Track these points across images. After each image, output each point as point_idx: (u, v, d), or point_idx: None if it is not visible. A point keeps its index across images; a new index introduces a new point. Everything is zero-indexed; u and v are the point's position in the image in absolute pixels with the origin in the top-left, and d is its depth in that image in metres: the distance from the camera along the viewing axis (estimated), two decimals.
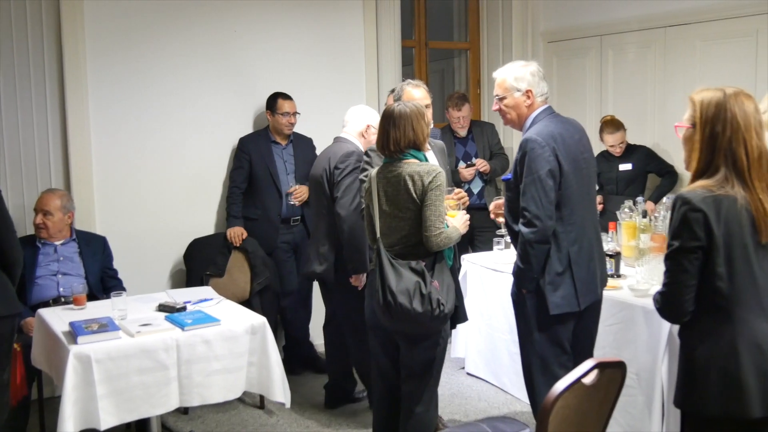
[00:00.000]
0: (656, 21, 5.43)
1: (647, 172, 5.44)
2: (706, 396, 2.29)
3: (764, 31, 4.77)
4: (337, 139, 4.33)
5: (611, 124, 5.36)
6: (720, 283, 2.27)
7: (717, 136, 2.26)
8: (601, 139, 5.38)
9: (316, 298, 5.40)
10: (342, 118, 5.47)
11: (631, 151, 5.42)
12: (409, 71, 6.32)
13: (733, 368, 2.25)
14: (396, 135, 3.23)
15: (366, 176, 3.41)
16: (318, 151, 5.27)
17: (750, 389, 2.23)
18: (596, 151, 4.67)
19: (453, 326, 3.52)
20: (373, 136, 4.16)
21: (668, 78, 5.42)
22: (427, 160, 3.32)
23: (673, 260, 2.33)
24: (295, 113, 5.01)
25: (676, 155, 5.40)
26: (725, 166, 2.26)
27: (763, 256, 2.28)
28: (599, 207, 5.18)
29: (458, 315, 3.42)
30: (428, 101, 3.81)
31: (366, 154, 3.74)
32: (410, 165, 3.23)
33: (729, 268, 2.26)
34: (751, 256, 2.26)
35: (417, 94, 3.78)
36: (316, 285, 5.39)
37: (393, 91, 4.99)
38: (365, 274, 4.00)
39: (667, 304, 2.40)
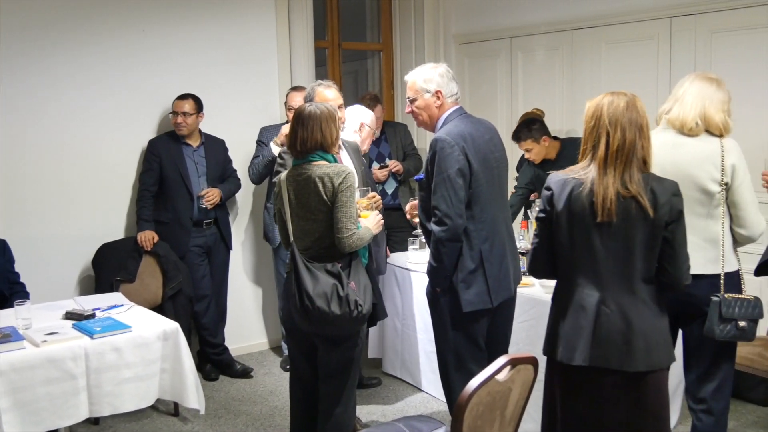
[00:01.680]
0: (564, 24, 5.58)
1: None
2: (547, 343, 2.75)
3: (665, 35, 4.96)
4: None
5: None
6: (562, 251, 2.66)
7: (589, 130, 2.62)
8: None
9: (231, 301, 5.34)
10: (253, 119, 5.43)
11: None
12: (322, 72, 6.30)
13: (559, 323, 2.68)
14: (303, 135, 3.21)
15: (277, 179, 3.38)
16: (231, 153, 5.21)
17: (562, 340, 2.65)
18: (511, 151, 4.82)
19: (373, 324, 3.52)
20: (365, 135, 4.33)
21: (575, 79, 5.57)
22: (336, 161, 3.32)
23: (536, 227, 2.79)
24: (185, 113, 4.86)
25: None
26: (591, 155, 2.60)
27: (606, 233, 2.55)
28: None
29: (377, 312, 3.43)
30: (341, 101, 3.82)
31: (280, 156, 3.72)
32: (319, 167, 3.21)
33: (570, 240, 2.62)
34: (591, 232, 2.56)
35: (329, 95, 3.78)
36: (231, 288, 5.33)
37: (294, 88, 4.98)
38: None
39: (528, 261, 2.85)
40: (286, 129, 4.58)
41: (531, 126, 5.00)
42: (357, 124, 4.35)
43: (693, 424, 3.31)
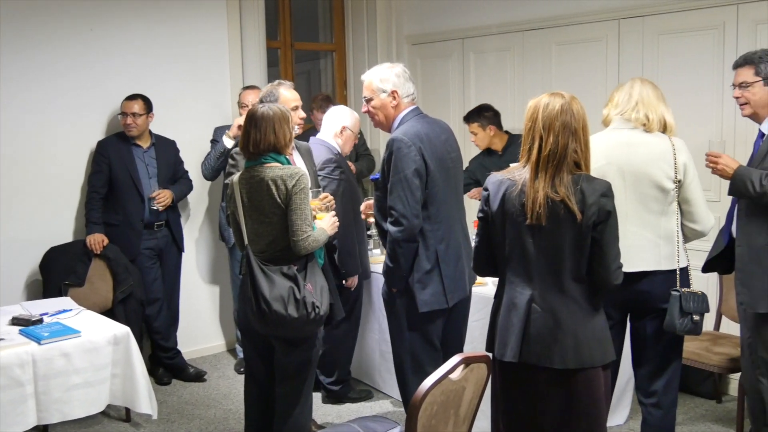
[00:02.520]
0: (515, 25, 5.64)
1: None
2: (487, 340, 2.79)
3: (613, 36, 5.04)
4: (312, 141, 4.28)
5: None
6: (497, 250, 2.71)
7: (526, 132, 2.66)
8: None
9: (184, 304, 5.28)
10: (205, 119, 5.37)
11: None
12: (274, 72, 6.26)
13: (496, 319, 2.72)
14: (256, 136, 3.18)
15: (229, 181, 3.35)
16: (182, 154, 5.15)
17: (498, 336, 2.69)
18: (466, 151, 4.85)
19: (329, 324, 3.51)
20: (346, 138, 4.36)
21: (527, 79, 5.63)
22: (289, 162, 3.30)
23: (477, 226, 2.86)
24: (135, 114, 4.77)
25: None
26: (526, 157, 2.63)
27: (537, 234, 2.58)
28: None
29: (333, 312, 3.42)
30: (299, 102, 3.81)
31: (231, 157, 3.69)
32: (272, 169, 3.18)
33: (504, 239, 2.66)
34: (522, 232, 2.60)
35: (289, 95, 3.76)
36: (184, 290, 5.26)
37: (247, 87, 4.94)
38: (357, 276, 4.29)
39: (473, 260, 2.89)
40: (240, 120, 4.55)
41: (483, 112, 5.08)
42: (338, 126, 4.34)
43: (643, 418, 3.38)
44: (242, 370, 4.13)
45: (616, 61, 5.04)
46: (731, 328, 4.26)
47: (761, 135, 3.44)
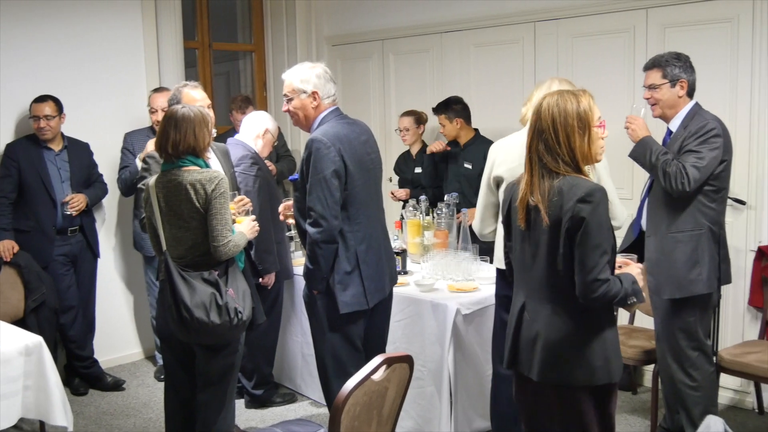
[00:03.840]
0: (433, 27, 5.69)
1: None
2: None
3: (529, 39, 5.14)
4: (229, 142, 4.20)
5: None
6: (509, 254, 2.73)
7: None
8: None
9: (100, 311, 5.13)
10: (120, 121, 5.23)
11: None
12: (192, 73, 6.15)
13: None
14: (176, 138, 3.11)
15: (144, 185, 3.26)
16: (96, 157, 5.01)
17: (507, 346, 2.66)
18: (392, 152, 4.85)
19: (251, 328, 3.47)
20: (266, 141, 4.33)
21: (445, 81, 5.69)
22: (208, 166, 3.24)
23: None
24: (48, 116, 4.62)
25: None
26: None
27: (526, 239, 2.54)
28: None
29: (255, 316, 3.38)
30: (208, 102, 3.74)
31: (144, 161, 3.60)
32: (190, 173, 3.12)
33: (510, 243, 2.67)
34: (517, 236, 2.60)
35: (197, 95, 3.69)
36: (100, 297, 5.12)
37: (156, 90, 4.83)
38: (274, 273, 4.25)
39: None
40: (151, 145, 4.42)
41: (452, 104, 5.07)
42: (261, 128, 4.30)
43: None
44: (162, 377, 4.05)
45: (532, 62, 5.14)
46: (645, 321, 4.40)
47: (669, 133, 3.60)
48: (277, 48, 6.61)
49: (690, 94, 3.57)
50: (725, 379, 4.16)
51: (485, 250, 4.45)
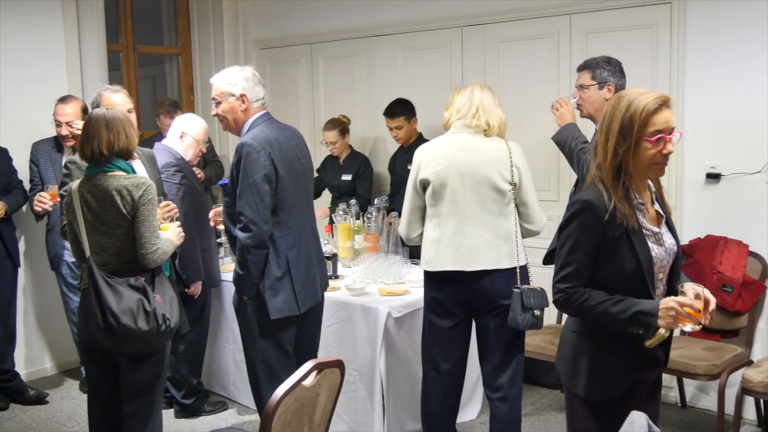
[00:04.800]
0: (362, 31, 5.70)
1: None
2: None
3: (457, 43, 5.20)
4: (156, 147, 4.10)
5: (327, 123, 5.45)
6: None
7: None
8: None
9: (21, 323, 4.96)
10: (42, 126, 5.07)
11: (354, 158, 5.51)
12: (116, 77, 6.01)
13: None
14: (110, 138, 3.03)
15: (66, 191, 3.17)
16: (16, 162, 4.84)
17: None
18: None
19: (175, 337, 3.41)
20: (186, 145, 4.22)
21: (374, 85, 5.71)
22: (135, 171, 3.17)
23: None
24: None
25: (380, 160, 5.69)
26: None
27: None
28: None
29: (180, 326, 3.32)
30: (130, 106, 3.67)
31: (65, 166, 3.50)
32: (117, 179, 3.05)
33: None
34: None
35: (117, 100, 3.61)
36: (20, 308, 4.95)
37: (62, 99, 4.63)
38: (200, 282, 4.16)
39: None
40: (45, 198, 4.27)
41: (406, 104, 5.07)
42: (178, 132, 4.24)
43: (491, 412, 3.49)
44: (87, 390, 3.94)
45: (459, 66, 5.21)
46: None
47: (596, 133, 3.69)
48: (204, 51, 6.52)
49: None
50: None
51: (415, 253, 4.49)
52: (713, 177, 4.26)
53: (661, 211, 2.46)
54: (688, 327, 2.25)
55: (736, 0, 4.11)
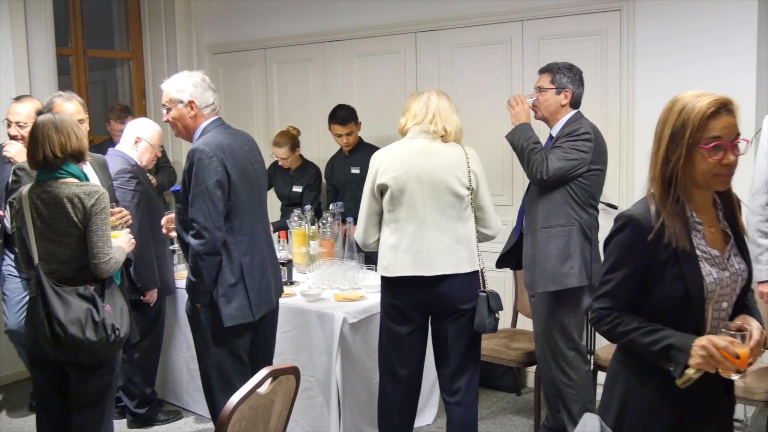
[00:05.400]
0: (316, 36, 5.69)
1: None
2: None
3: (411, 49, 5.22)
4: (109, 153, 4.03)
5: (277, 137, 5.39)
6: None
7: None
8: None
9: None
10: None
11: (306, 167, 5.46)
12: (66, 81, 5.90)
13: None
14: (62, 140, 2.97)
15: (15, 198, 3.09)
16: None
17: None
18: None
19: (125, 347, 3.35)
20: (142, 150, 4.17)
21: (329, 90, 5.70)
22: (87, 178, 3.11)
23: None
24: None
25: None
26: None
27: None
28: None
29: (129, 335, 3.26)
30: (82, 116, 3.61)
31: (14, 173, 3.42)
32: (68, 185, 2.99)
33: None
34: None
35: (69, 108, 3.55)
36: None
37: (17, 99, 4.50)
38: (156, 290, 4.11)
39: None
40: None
41: (352, 109, 5.04)
42: (132, 137, 4.17)
43: (448, 416, 3.50)
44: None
45: (414, 72, 5.23)
46: (526, 324, 4.53)
47: (551, 138, 3.75)
48: (156, 56, 6.44)
49: (574, 105, 3.72)
50: (602, 377, 4.32)
51: (371, 258, 4.48)
52: None
53: (729, 231, 2.16)
54: (733, 375, 1.95)
55: (683, 8, 4.20)
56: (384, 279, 3.43)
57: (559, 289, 3.61)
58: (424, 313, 3.41)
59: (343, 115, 5.03)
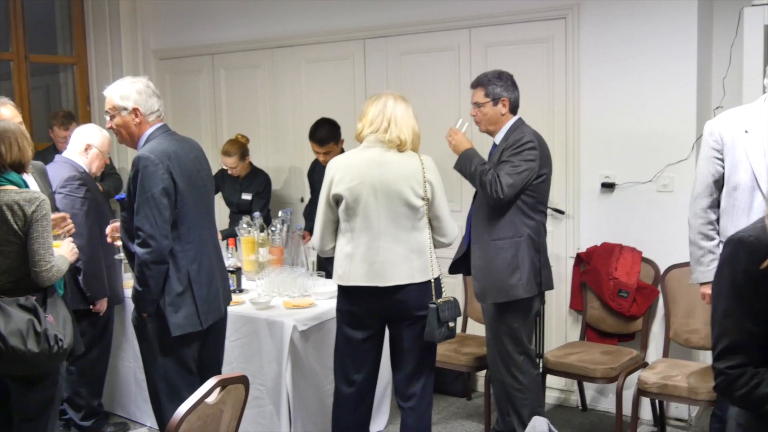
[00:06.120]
0: (264, 42, 5.66)
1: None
2: None
3: (359, 55, 5.22)
4: (57, 159, 3.94)
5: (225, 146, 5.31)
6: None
7: None
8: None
9: None
10: None
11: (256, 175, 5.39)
12: (6, 87, 5.77)
13: None
14: (1, 149, 2.91)
15: None
16: None
17: None
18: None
19: (69, 359, 3.28)
20: (92, 157, 4.11)
21: (278, 96, 5.67)
22: (27, 185, 3.04)
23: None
24: None
25: (282, 173, 5.66)
26: None
27: None
28: None
29: (74, 346, 3.20)
30: (19, 119, 3.52)
31: None
32: (7, 193, 2.92)
33: None
34: None
35: (5, 113, 3.47)
36: None
37: None
38: (106, 299, 4.04)
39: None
40: None
41: (335, 129, 4.78)
42: (83, 144, 4.09)
43: (402, 421, 3.51)
44: None
45: (363, 78, 5.24)
46: (477, 329, 4.57)
47: (494, 146, 3.79)
48: (101, 61, 6.33)
49: (513, 110, 3.75)
50: (551, 380, 4.39)
51: (321, 264, 4.47)
52: (608, 186, 4.43)
53: None
54: None
55: (626, 16, 4.29)
56: (340, 286, 3.42)
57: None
58: (381, 320, 3.41)
59: (321, 136, 4.77)
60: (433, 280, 3.36)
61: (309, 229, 4.93)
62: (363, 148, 3.38)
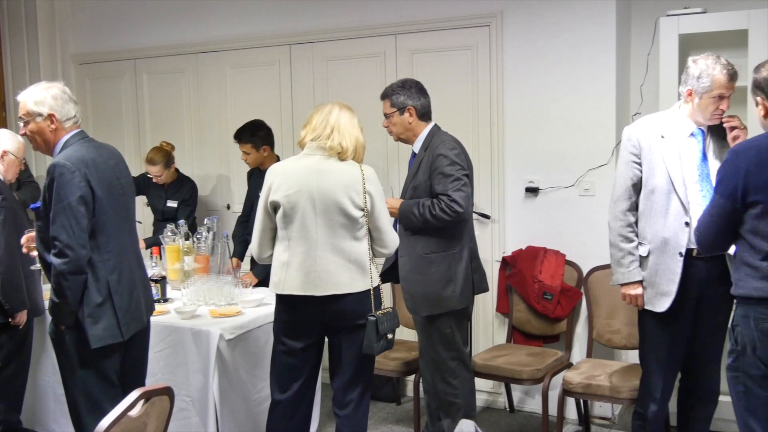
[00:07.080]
0: (188, 47, 5.57)
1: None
2: None
3: (285, 61, 5.19)
4: None
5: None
6: None
7: None
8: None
9: None
10: None
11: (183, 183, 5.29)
12: None
13: None
14: None
15: None
16: None
17: None
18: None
19: None
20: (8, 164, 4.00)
21: (202, 102, 5.59)
22: None
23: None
24: None
25: (209, 179, 5.58)
26: None
27: None
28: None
29: None
30: None
31: None
32: None
33: None
34: None
35: None
36: None
37: None
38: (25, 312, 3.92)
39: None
40: None
41: (257, 131, 4.69)
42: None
43: (337, 427, 3.47)
44: None
45: (289, 84, 5.21)
46: (405, 334, 4.58)
47: (414, 155, 3.82)
48: (17, 65, 6.12)
49: (423, 117, 3.78)
50: (479, 383, 4.43)
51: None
52: (532, 191, 4.51)
53: None
54: None
55: (548, 24, 4.38)
56: (279, 296, 3.37)
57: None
58: (320, 328, 3.37)
59: (239, 133, 4.73)
60: (372, 290, 3.33)
61: (237, 254, 4.87)
62: (303, 156, 3.34)
